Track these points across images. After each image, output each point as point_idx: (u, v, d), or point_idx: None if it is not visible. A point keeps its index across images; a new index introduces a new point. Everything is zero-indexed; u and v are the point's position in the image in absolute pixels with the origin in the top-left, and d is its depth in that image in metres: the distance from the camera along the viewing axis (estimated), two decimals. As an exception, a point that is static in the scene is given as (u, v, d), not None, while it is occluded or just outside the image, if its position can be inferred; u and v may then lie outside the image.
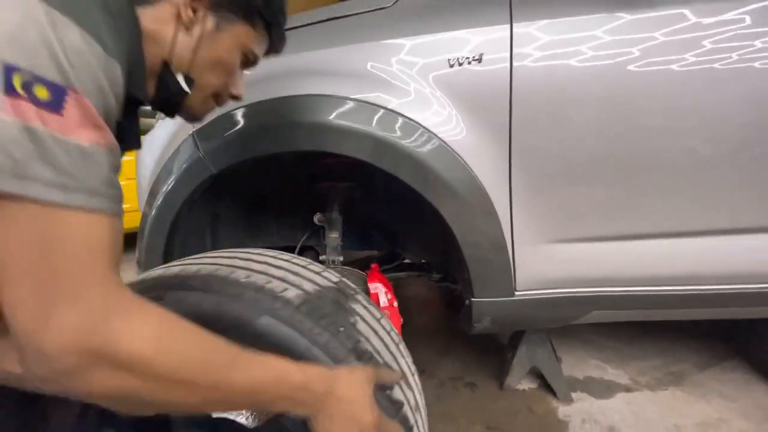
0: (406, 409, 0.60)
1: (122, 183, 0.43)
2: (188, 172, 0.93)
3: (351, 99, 0.88)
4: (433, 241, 1.20)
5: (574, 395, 1.38)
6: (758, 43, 0.84)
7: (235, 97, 0.64)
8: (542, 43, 0.87)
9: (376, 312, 0.70)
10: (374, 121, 0.87)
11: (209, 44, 0.54)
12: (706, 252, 0.93)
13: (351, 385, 0.48)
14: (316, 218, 1.21)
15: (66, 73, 0.35)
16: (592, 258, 0.95)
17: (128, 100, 0.46)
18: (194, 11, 0.52)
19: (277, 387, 0.44)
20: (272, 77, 0.92)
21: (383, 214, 1.28)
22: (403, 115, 0.88)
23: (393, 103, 0.89)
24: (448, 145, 0.89)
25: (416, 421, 0.62)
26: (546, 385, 1.40)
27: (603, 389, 1.41)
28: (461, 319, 1.08)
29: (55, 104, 0.34)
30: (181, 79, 0.54)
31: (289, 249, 1.17)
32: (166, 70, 0.53)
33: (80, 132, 0.36)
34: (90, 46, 0.37)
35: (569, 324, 1.05)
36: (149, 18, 0.49)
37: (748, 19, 0.83)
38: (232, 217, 1.17)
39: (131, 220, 2.05)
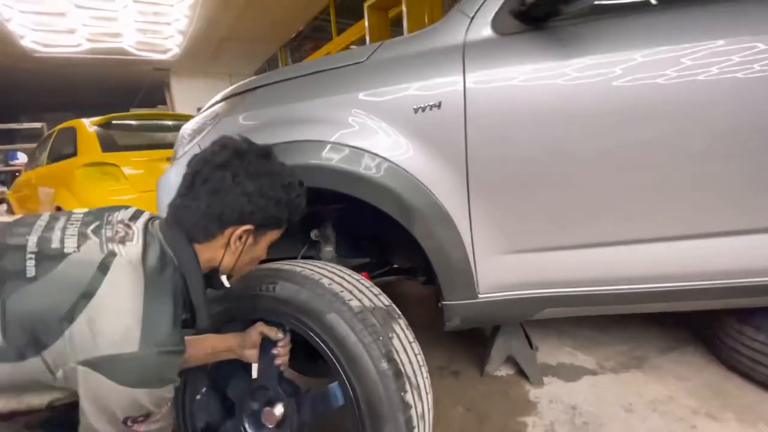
0: (413, 413, 0.82)
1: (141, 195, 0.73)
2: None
3: (333, 143, 1.07)
4: (413, 250, 1.39)
5: (545, 379, 1.57)
6: (673, 77, 1.00)
7: None
8: (489, 88, 1.04)
9: (410, 335, 0.98)
10: (352, 159, 1.06)
11: (249, 252, 0.80)
12: (636, 257, 1.11)
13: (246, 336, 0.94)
14: (313, 234, 1.41)
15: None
16: (541, 265, 1.13)
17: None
18: (240, 238, 0.76)
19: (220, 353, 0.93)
20: (271, 125, 1.11)
21: (370, 228, 1.47)
22: (376, 155, 1.06)
23: (367, 143, 1.07)
24: (415, 177, 1.07)
25: (419, 427, 0.84)
26: (521, 371, 1.59)
27: (572, 373, 1.60)
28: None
29: None
30: (224, 278, 0.83)
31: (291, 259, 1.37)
32: (213, 273, 0.80)
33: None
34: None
35: (528, 320, 1.24)
36: (205, 252, 0.76)
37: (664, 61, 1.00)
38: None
39: None
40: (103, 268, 0.61)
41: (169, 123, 4.24)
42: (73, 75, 9.72)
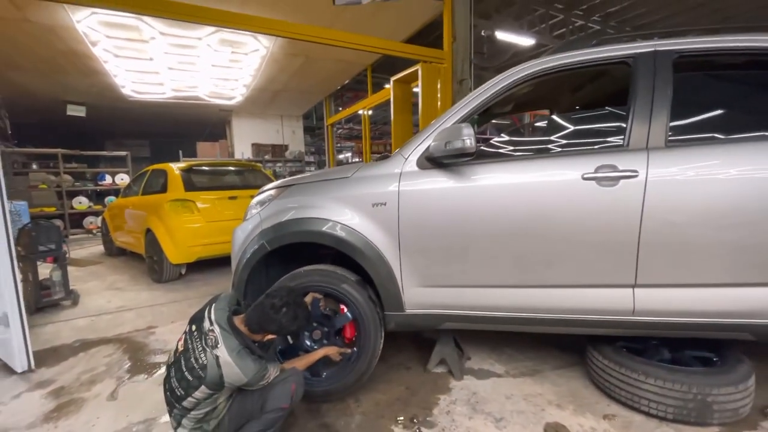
0: (378, 319, 1.71)
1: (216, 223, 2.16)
2: (257, 250, 2.08)
3: (328, 219, 2.00)
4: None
5: (465, 377, 2.33)
6: (513, 198, 1.84)
7: None
8: (411, 193, 1.93)
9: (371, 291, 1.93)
10: (335, 228, 1.98)
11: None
12: (496, 294, 1.92)
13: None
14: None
15: None
16: (440, 295, 1.97)
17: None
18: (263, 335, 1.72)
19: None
20: (299, 206, 2.07)
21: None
22: (349, 227, 1.98)
23: (346, 220, 1.99)
24: (370, 240, 1.97)
25: (382, 326, 1.72)
26: (451, 371, 2.36)
27: (484, 375, 2.35)
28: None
29: None
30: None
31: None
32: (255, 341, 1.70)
33: None
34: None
35: (438, 328, 2.07)
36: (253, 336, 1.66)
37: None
38: (275, 268, 2.31)
39: (226, 249, 3.50)
40: (217, 359, 1.50)
41: (231, 169, 5.46)
42: (155, 112, 11.64)
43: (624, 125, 1.80)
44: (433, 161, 1.92)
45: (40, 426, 2.02)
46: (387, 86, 6.21)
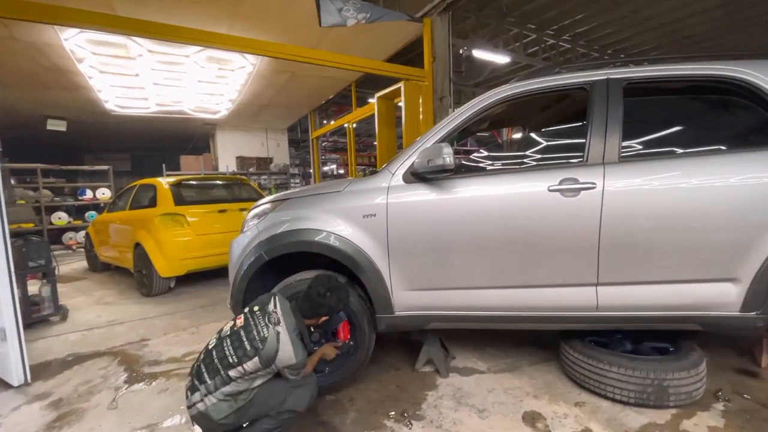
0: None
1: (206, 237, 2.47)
2: (256, 260, 2.23)
3: (323, 230, 2.17)
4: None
5: (451, 374, 2.51)
6: (490, 210, 2.06)
7: None
8: (398, 205, 2.13)
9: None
10: (329, 238, 2.16)
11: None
12: (480, 295, 2.12)
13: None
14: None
15: None
16: (426, 298, 2.16)
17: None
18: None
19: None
20: (294, 219, 2.24)
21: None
22: (341, 237, 2.16)
23: (339, 231, 2.17)
24: (361, 248, 2.15)
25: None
26: (437, 369, 2.54)
27: (468, 372, 2.53)
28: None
29: None
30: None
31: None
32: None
33: None
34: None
35: (424, 328, 2.25)
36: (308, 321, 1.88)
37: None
38: (271, 277, 2.45)
39: (216, 262, 3.72)
40: (278, 335, 1.68)
41: (220, 183, 5.56)
42: (137, 126, 11.57)
43: (583, 143, 2.05)
44: (417, 176, 2.13)
45: (43, 435, 2.09)
46: (371, 101, 6.47)
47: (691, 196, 1.91)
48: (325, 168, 18.31)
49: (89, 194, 10.24)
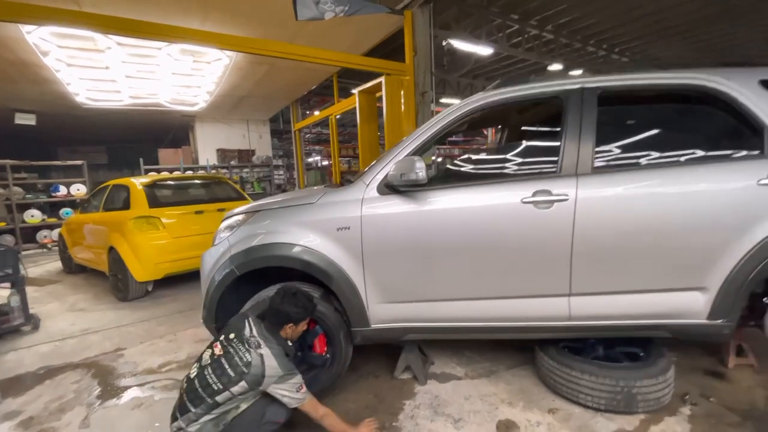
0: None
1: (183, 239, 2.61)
2: (227, 275, 2.18)
3: (295, 244, 2.13)
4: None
5: (429, 382, 2.52)
6: (459, 220, 2.04)
7: None
8: (373, 218, 2.09)
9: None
10: (302, 252, 2.11)
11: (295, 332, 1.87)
12: (454, 307, 2.12)
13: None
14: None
15: None
16: (402, 310, 2.14)
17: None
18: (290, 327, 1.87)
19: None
20: (266, 232, 2.18)
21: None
22: (315, 251, 2.11)
23: (312, 244, 2.12)
24: (335, 262, 2.11)
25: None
26: (416, 376, 2.55)
27: (446, 378, 2.55)
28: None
29: None
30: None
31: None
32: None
33: None
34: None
35: (401, 340, 2.24)
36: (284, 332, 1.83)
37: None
38: (246, 289, 2.40)
39: (195, 264, 3.57)
40: (261, 357, 1.67)
41: (196, 182, 5.42)
42: (112, 118, 11.16)
43: (557, 154, 2.04)
44: (392, 188, 2.09)
45: (10, 460, 2.03)
46: (354, 91, 6.33)
47: (663, 208, 1.92)
48: (310, 159, 18.08)
49: (63, 190, 9.87)
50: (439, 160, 18.78)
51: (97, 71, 6.99)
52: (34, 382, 2.85)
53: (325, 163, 16.99)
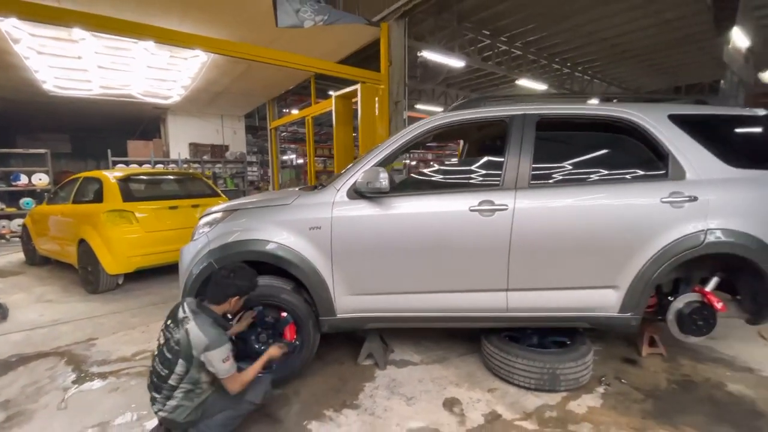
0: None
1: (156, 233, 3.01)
2: (205, 268, 2.39)
3: (271, 241, 2.37)
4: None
5: (388, 367, 2.81)
6: (422, 222, 2.35)
7: None
8: (342, 219, 2.37)
9: None
10: (276, 248, 2.36)
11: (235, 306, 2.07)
12: (411, 299, 2.42)
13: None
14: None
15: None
16: (364, 301, 2.43)
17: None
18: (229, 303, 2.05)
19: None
20: (243, 229, 2.41)
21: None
22: (288, 248, 2.36)
23: (286, 241, 2.37)
24: (307, 257, 2.37)
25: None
26: (377, 363, 2.83)
27: (403, 364, 2.85)
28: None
29: None
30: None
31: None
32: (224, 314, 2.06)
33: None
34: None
35: (363, 328, 2.52)
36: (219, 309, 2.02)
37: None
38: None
39: (167, 258, 3.80)
40: (187, 332, 1.84)
41: (171, 178, 5.49)
42: (79, 107, 10.82)
43: (501, 169, 2.38)
44: (359, 193, 2.37)
45: (-9, 437, 2.16)
46: (332, 93, 6.53)
47: (584, 219, 2.30)
48: (285, 157, 18.08)
49: (24, 179, 9.51)
50: (413, 163, 19.22)
51: (69, 60, 6.87)
52: (6, 368, 2.92)
53: (300, 161, 17.05)
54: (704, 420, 2.17)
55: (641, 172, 2.42)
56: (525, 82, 10.95)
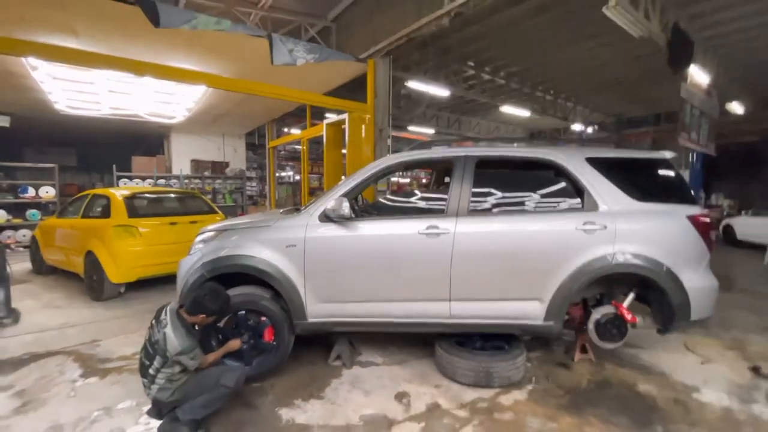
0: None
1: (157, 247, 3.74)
2: (199, 278, 2.87)
3: (254, 257, 2.85)
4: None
5: (354, 367, 3.25)
6: (381, 241, 2.84)
7: None
8: (313, 239, 2.85)
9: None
10: (258, 262, 2.84)
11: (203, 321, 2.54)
12: (372, 307, 2.89)
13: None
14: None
15: None
16: (331, 308, 2.90)
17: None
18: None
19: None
20: (232, 246, 2.90)
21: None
22: (269, 262, 2.85)
23: (267, 257, 2.85)
24: (283, 271, 2.85)
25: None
26: (344, 364, 3.27)
27: (368, 365, 3.28)
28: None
29: None
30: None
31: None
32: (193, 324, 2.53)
33: None
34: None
35: (331, 331, 2.99)
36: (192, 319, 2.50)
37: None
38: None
39: (165, 270, 4.32)
40: (164, 335, 2.30)
41: (172, 196, 6.00)
42: (87, 124, 11.42)
43: (446, 199, 2.89)
44: (328, 218, 2.86)
45: (13, 417, 2.58)
46: (327, 115, 7.08)
47: (515, 243, 2.80)
48: (283, 173, 18.69)
49: (32, 192, 10.01)
50: (407, 181, 19.76)
51: (81, 85, 7.47)
52: (21, 364, 3.35)
53: (297, 177, 17.63)
54: (607, 411, 2.61)
55: (562, 204, 2.93)
56: (508, 109, 11.62)
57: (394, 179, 19.88)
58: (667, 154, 3.12)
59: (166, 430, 2.31)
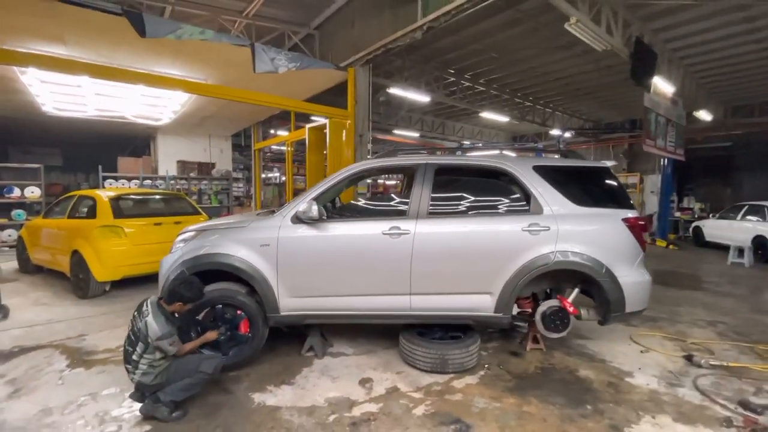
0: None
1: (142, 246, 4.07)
2: (180, 273, 3.12)
3: (231, 255, 3.12)
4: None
5: (326, 357, 3.53)
6: (353, 239, 3.13)
7: None
8: (286, 239, 3.14)
9: None
10: (235, 260, 3.11)
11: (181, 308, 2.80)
12: (340, 301, 3.17)
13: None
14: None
15: None
16: (302, 302, 3.18)
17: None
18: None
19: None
20: (211, 245, 3.16)
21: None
22: (244, 260, 3.12)
23: (243, 255, 3.12)
24: (258, 268, 3.11)
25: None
26: (317, 354, 3.54)
27: (338, 355, 3.56)
28: (271, 322, 3.26)
29: None
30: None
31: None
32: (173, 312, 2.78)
33: None
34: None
35: (302, 323, 3.27)
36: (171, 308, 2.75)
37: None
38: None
39: (150, 269, 4.58)
40: (146, 323, 2.56)
41: (157, 197, 6.20)
42: (73, 124, 11.47)
43: (408, 202, 3.19)
44: (299, 219, 3.14)
45: (6, 401, 2.80)
46: (312, 118, 7.29)
47: (468, 241, 3.11)
48: (270, 175, 18.85)
49: (17, 192, 10.06)
50: (394, 182, 20.03)
51: (69, 87, 7.61)
52: (11, 356, 3.55)
53: (284, 178, 17.81)
54: (547, 393, 2.94)
55: (511, 207, 3.26)
56: (488, 114, 12.02)
57: (380, 181, 20.19)
58: (608, 164, 3.47)
59: (147, 409, 2.56)
